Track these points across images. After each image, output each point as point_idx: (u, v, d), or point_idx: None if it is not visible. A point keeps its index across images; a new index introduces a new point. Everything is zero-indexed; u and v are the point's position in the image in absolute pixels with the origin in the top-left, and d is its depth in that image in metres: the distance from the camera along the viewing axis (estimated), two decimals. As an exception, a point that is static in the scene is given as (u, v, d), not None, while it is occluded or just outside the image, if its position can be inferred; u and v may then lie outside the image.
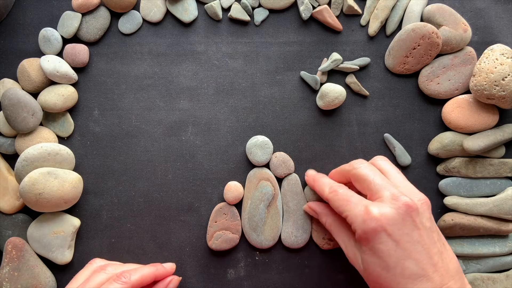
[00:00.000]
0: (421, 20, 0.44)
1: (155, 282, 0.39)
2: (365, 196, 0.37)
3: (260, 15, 0.45)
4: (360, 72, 0.45)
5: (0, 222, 0.43)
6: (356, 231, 0.35)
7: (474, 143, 0.41)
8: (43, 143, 0.41)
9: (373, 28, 0.45)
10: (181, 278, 0.41)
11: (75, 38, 0.45)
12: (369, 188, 0.36)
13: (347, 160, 0.44)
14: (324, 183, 0.40)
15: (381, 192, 0.35)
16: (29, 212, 0.43)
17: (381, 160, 0.39)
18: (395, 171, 0.38)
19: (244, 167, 0.45)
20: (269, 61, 0.45)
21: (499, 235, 0.43)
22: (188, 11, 0.45)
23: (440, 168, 0.44)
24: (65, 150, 0.42)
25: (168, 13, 0.45)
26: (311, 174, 0.43)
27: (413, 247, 0.33)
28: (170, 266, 0.41)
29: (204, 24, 0.45)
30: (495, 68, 0.39)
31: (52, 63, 0.43)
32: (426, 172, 0.45)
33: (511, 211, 0.41)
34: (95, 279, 0.37)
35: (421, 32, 0.42)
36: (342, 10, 0.45)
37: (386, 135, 0.42)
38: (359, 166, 0.37)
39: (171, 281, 0.39)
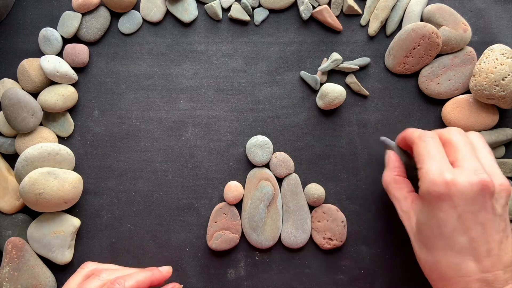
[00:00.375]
0: (421, 20, 0.44)
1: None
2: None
3: (260, 15, 0.45)
4: (360, 72, 0.45)
5: (0, 222, 0.43)
6: (421, 188, 0.33)
7: None
8: (43, 143, 0.41)
9: (373, 28, 0.45)
10: (182, 286, 0.40)
11: (75, 38, 0.45)
12: (455, 154, 0.34)
13: (347, 160, 0.44)
14: (414, 130, 0.38)
15: (465, 161, 0.33)
16: (29, 212, 0.43)
17: (475, 136, 0.37)
18: (487, 150, 0.36)
19: (244, 167, 0.45)
20: (269, 61, 0.45)
21: (499, 235, 0.43)
22: (188, 11, 0.45)
23: (440, 168, 0.44)
24: (65, 150, 0.42)
25: (168, 13, 0.45)
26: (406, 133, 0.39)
27: (473, 226, 0.31)
28: (166, 270, 0.39)
29: (204, 24, 0.45)
30: (495, 68, 0.39)
31: (52, 63, 0.43)
32: (426, 172, 0.45)
33: (511, 211, 0.41)
34: (88, 286, 0.35)
35: (421, 32, 0.42)
36: (342, 10, 0.45)
37: (383, 138, 0.42)
38: (453, 132, 0.35)
39: None
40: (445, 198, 0.32)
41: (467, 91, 0.43)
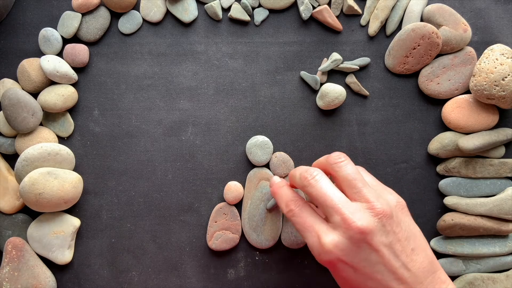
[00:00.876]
0: (421, 20, 0.44)
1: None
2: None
3: (260, 15, 0.45)
4: (360, 72, 0.45)
5: (0, 222, 0.43)
6: (316, 258, 0.34)
7: (469, 142, 0.41)
8: (43, 143, 0.41)
9: (373, 28, 0.45)
10: None
11: (75, 38, 0.45)
12: (324, 206, 0.33)
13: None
14: (282, 196, 0.37)
15: (332, 215, 0.32)
16: (29, 212, 0.43)
17: (341, 164, 0.35)
18: (357, 175, 0.34)
19: (244, 167, 0.45)
20: (269, 61, 0.45)
21: (499, 235, 0.43)
22: (188, 11, 0.45)
23: (440, 168, 0.44)
24: (65, 150, 0.42)
25: (168, 13, 0.45)
26: (273, 182, 0.40)
27: (373, 269, 0.32)
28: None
29: (204, 24, 0.45)
30: (495, 68, 0.39)
31: (52, 63, 0.43)
32: (426, 172, 0.45)
33: (511, 211, 0.41)
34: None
35: (421, 32, 0.42)
36: (342, 10, 0.45)
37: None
38: (315, 180, 0.34)
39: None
40: (336, 261, 0.32)
41: (467, 91, 0.43)
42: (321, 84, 0.45)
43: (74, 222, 0.43)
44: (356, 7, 0.44)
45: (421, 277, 0.32)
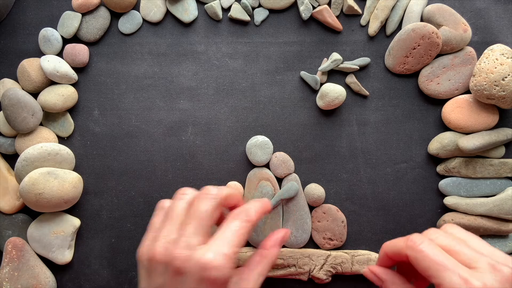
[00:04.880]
0: (421, 20, 0.44)
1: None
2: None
3: (260, 15, 0.45)
4: (360, 72, 0.45)
5: (0, 222, 0.43)
6: None
7: (469, 142, 0.41)
8: (43, 143, 0.41)
9: (373, 28, 0.45)
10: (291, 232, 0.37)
11: (75, 38, 0.45)
12: (458, 256, 0.30)
13: (347, 160, 0.44)
14: (397, 240, 0.34)
15: (474, 261, 0.30)
16: (29, 212, 0.43)
17: (453, 228, 0.33)
18: (473, 236, 0.33)
19: (244, 167, 0.45)
20: (269, 61, 0.45)
21: (499, 235, 0.43)
22: (188, 11, 0.45)
23: (440, 168, 0.44)
24: (65, 150, 0.42)
25: (168, 13, 0.45)
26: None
27: None
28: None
29: (204, 24, 0.45)
30: (495, 68, 0.39)
31: (52, 63, 0.43)
32: (426, 172, 0.45)
33: (511, 211, 0.41)
34: (178, 205, 0.33)
35: (421, 32, 0.42)
36: (342, 10, 0.45)
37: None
38: (438, 234, 0.32)
39: (286, 234, 0.37)
40: None
41: (467, 91, 0.43)
42: (321, 84, 0.45)
43: (74, 222, 0.43)
44: (356, 7, 0.44)
45: None
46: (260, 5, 0.45)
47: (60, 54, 0.45)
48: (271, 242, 0.36)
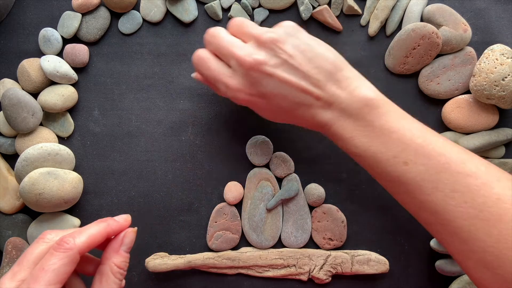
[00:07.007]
0: (421, 20, 0.44)
1: (109, 240, 0.33)
2: None
3: (260, 15, 0.45)
4: (360, 72, 0.45)
5: (0, 222, 0.43)
6: (233, 101, 0.38)
7: (469, 142, 0.41)
8: (43, 143, 0.41)
9: (373, 28, 0.45)
10: (136, 228, 0.34)
11: (75, 38, 0.45)
12: (223, 55, 0.37)
13: (347, 160, 0.44)
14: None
15: (230, 60, 0.36)
16: (29, 212, 0.43)
17: (233, 22, 0.38)
18: (244, 22, 0.37)
19: (244, 167, 0.45)
20: (269, 61, 0.45)
21: (499, 235, 0.43)
22: (188, 11, 0.45)
23: (440, 168, 0.44)
24: (65, 150, 0.42)
25: (168, 13, 0.45)
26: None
27: (279, 91, 0.35)
28: (124, 219, 0.34)
29: (204, 24, 0.45)
30: (495, 68, 0.39)
31: (52, 63, 0.43)
32: (426, 172, 0.44)
33: (511, 211, 0.41)
34: (33, 251, 0.30)
35: (421, 32, 0.42)
36: (342, 10, 0.45)
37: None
38: (214, 35, 0.37)
39: (126, 235, 0.33)
40: (246, 98, 0.36)
41: (467, 91, 0.43)
42: (321, 84, 0.44)
43: (74, 222, 0.43)
44: (356, 7, 0.44)
45: (323, 80, 0.35)
46: (260, 5, 0.45)
47: (60, 54, 0.45)
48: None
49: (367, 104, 0.34)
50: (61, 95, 0.43)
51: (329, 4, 0.45)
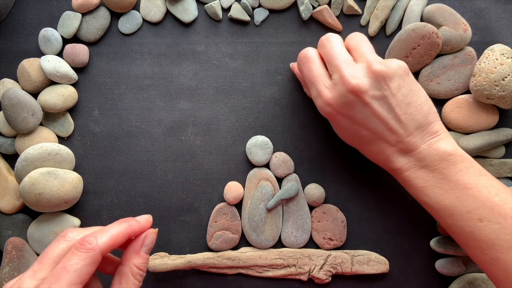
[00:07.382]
0: (421, 20, 0.44)
1: (130, 240, 0.33)
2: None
3: (260, 15, 0.45)
4: (360, 72, 0.45)
5: (0, 222, 0.43)
6: (318, 110, 0.39)
7: (469, 142, 0.41)
8: (43, 143, 0.41)
9: (373, 28, 0.45)
10: (157, 229, 0.34)
11: (75, 38, 0.45)
12: (330, 64, 0.37)
13: (347, 160, 0.44)
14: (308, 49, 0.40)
15: (334, 73, 0.37)
16: (29, 212, 0.43)
17: (352, 34, 0.39)
18: (364, 42, 0.38)
19: (244, 167, 0.45)
20: (269, 61, 0.45)
21: (499, 235, 0.43)
22: (188, 11, 0.45)
23: (440, 168, 0.44)
24: (65, 150, 0.42)
25: (168, 13, 0.45)
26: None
27: (366, 121, 0.36)
28: (145, 219, 0.34)
29: (204, 24, 0.45)
30: (495, 68, 0.39)
31: (52, 63, 0.43)
32: (426, 172, 0.44)
33: (511, 211, 0.41)
34: (54, 250, 0.29)
35: (421, 32, 0.42)
36: (342, 10, 0.45)
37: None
38: (328, 41, 0.38)
39: (146, 236, 0.33)
40: (334, 113, 0.37)
41: (467, 91, 0.43)
42: (321, 84, 0.44)
43: (74, 222, 0.43)
44: (356, 7, 0.44)
45: (411, 128, 0.36)
46: (260, 5, 0.45)
47: (60, 54, 0.45)
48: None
49: (445, 159, 0.35)
50: (61, 95, 0.43)
51: (329, 4, 0.45)
